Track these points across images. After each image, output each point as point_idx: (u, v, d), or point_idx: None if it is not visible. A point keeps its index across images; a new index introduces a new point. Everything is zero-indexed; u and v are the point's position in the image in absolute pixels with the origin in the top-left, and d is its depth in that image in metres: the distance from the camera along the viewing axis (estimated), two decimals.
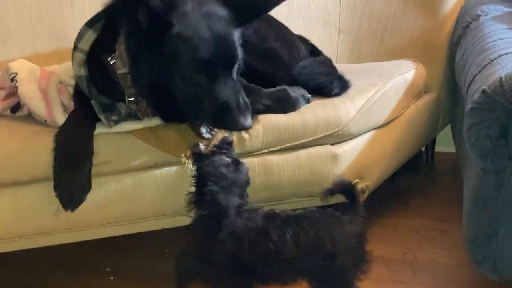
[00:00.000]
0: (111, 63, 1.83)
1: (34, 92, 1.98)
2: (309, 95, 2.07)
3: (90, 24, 1.94)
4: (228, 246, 1.68)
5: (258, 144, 1.94)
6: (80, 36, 1.94)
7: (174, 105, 1.78)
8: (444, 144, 2.97)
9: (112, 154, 1.84)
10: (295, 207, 2.05)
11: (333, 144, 2.05)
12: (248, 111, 1.76)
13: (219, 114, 1.75)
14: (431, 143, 2.94)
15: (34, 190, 1.86)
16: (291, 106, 2.00)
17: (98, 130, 1.84)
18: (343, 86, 2.18)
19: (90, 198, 1.82)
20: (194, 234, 1.77)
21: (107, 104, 1.87)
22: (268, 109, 1.96)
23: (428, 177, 2.97)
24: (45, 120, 1.94)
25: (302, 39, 2.41)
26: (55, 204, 1.80)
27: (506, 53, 1.85)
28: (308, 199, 2.06)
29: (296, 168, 1.99)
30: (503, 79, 1.65)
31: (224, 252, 1.70)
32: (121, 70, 1.82)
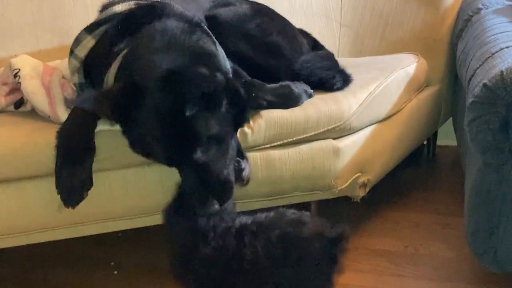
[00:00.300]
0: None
1: (37, 88, 1.98)
2: (311, 90, 2.07)
3: (89, 29, 1.92)
4: (200, 272, 1.65)
5: (260, 139, 1.94)
6: (77, 42, 1.92)
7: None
8: (446, 137, 2.98)
9: (113, 150, 1.84)
10: (297, 201, 2.08)
11: (335, 138, 2.05)
12: (209, 197, 1.65)
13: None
14: (433, 136, 2.95)
15: (37, 185, 1.86)
16: (294, 101, 2.00)
17: (100, 127, 1.83)
18: (345, 80, 2.18)
19: (92, 193, 1.82)
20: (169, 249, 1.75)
21: None
22: (271, 104, 1.96)
23: (429, 170, 2.97)
24: (48, 116, 1.94)
25: (304, 33, 2.41)
26: (58, 200, 1.79)
27: (507, 46, 1.86)
28: (310, 193, 2.07)
29: (298, 162, 2.00)
30: (504, 73, 1.65)
31: (198, 276, 1.66)
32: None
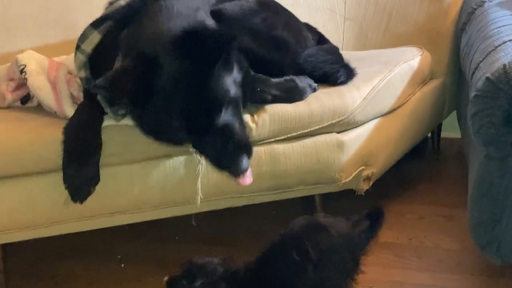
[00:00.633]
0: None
1: (43, 84, 1.99)
2: (315, 84, 2.07)
3: (95, 24, 1.92)
4: None
5: (264, 133, 1.95)
6: (83, 37, 1.92)
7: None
8: (450, 129, 2.98)
9: (120, 146, 1.86)
10: (302, 194, 2.10)
11: (339, 132, 2.06)
12: (241, 155, 1.71)
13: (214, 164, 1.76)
14: (437, 129, 2.94)
15: (45, 181, 1.88)
16: (299, 96, 2.01)
17: (106, 122, 1.85)
18: (349, 74, 2.18)
19: (99, 188, 1.84)
20: None
21: (113, 99, 1.85)
22: (276, 99, 1.96)
23: (433, 163, 2.97)
24: (55, 112, 1.96)
25: (309, 27, 2.41)
26: (65, 195, 1.82)
27: (510, 39, 1.85)
28: (315, 187, 2.09)
29: (302, 156, 2.01)
30: (507, 66, 1.65)
31: None
32: None
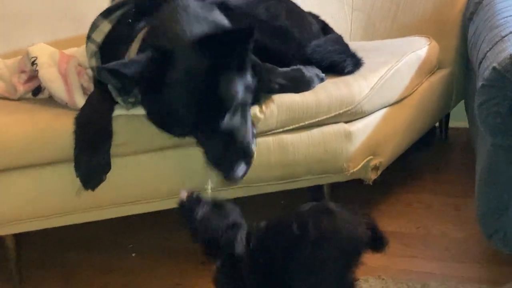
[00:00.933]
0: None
1: (54, 76, 2.01)
2: (322, 74, 2.08)
3: (105, 14, 1.93)
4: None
5: (272, 124, 1.95)
6: (94, 27, 1.93)
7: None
8: (458, 119, 2.98)
9: (130, 135, 1.87)
10: (310, 184, 2.10)
11: (346, 122, 2.07)
12: (240, 161, 1.72)
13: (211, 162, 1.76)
14: (445, 118, 2.96)
15: (57, 171, 1.90)
16: (306, 85, 2.01)
17: (117, 112, 1.87)
18: (356, 64, 2.19)
19: (110, 178, 1.86)
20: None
21: (123, 88, 1.87)
22: (283, 88, 1.97)
23: (441, 152, 2.98)
24: (66, 103, 1.98)
25: (312, 15, 2.40)
26: (77, 185, 1.84)
27: None
28: (323, 176, 2.10)
29: (310, 146, 2.01)
30: None
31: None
32: None
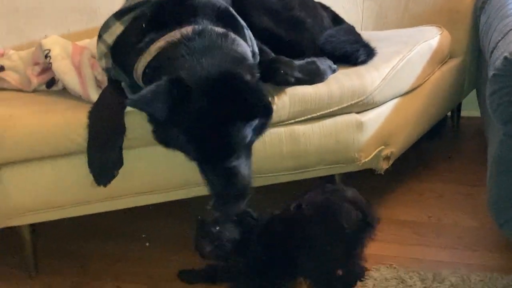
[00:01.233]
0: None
1: (68, 68, 2.03)
2: (335, 66, 2.09)
3: (118, 15, 1.93)
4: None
5: (284, 115, 1.96)
6: (106, 27, 1.93)
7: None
8: (470, 108, 2.98)
9: (143, 129, 1.86)
10: (322, 174, 2.12)
11: (358, 113, 2.08)
12: (238, 200, 1.75)
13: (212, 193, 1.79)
14: (457, 108, 2.95)
15: (72, 162, 1.91)
16: (320, 78, 2.02)
17: (129, 107, 1.85)
18: (369, 54, 2.20)
19: (123, 169, 1.87)
20: None
21: (136, 85, 1.86)
22: (299, 81, 1.97)
23: (453, 141, 2.98)
24: (79, 95, 1.99)
25: (323, 6, 2.41)
26: (91, 176, 1.86)
27: None
28: (335, 166, 2.11)
29: (322, 137, 2.02)
30: None
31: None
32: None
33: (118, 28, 1.92)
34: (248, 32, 1.91)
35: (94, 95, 1.95)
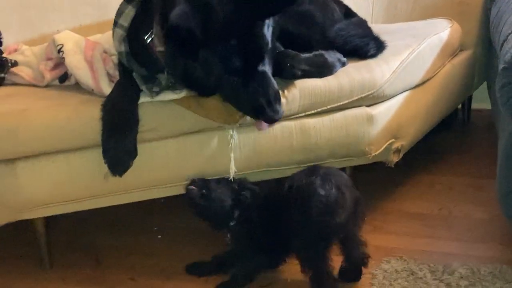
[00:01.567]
0: (148, 42, 1.85)
1: (80, 63, 2.04)
2: (344, 59, 2.09)
3: (128, 0, 1.95)
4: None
5: (295, 108, 1.97)
6: (119, 12, 1.96)
7: (206, 90, 1.85)
8: (481, 101, 2.97)
9: (156, 122, 1.90)
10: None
11: (368, 106, 2.08)
12: (277, 103, 1.79)
13: (249, 110, 1.82)
14: (468, 100, 2.95)
15: (85, 156, 1.93)
16: (328, 70, 2.02)
17: (142, 99, 1.89)
18: (379, 47, 2.20)
19: (136, 163, 1.89)
20: None
21: (148, 76, 1.90)
22: (306, 74, 1.98)
23: (464, 134, 2.98)
24: (92, 90, 2.01)
25: (335, 0, 2.40)
26: (105, 169, 1.88)
27: None
28: (345, 159, 2.11)
29: (332, 130, 2.03)
30: None
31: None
32: (158, 48, 1.83)
33: (131, 11, 1.95)
34: None
35: (107, 89, 1.97)
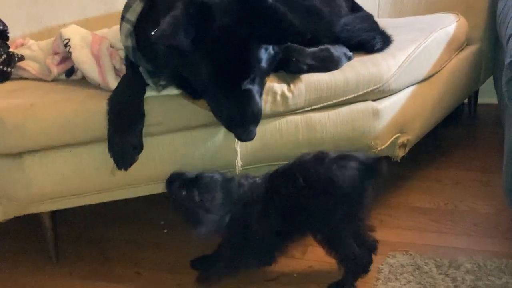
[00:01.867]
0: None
1: (87, 57, 2.04)
2: (350, 53, 2.08)
3: None
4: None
5: (300, 103, 1.97)
6: (127, 7, 1.97)
7: (194, 92, 1.85)
8: (487, 95, 2.97)
9: (162, 116, 1.90)
10: None
11: (374, 100, 2.07)
12: (252, 125, 1.77)
13: (224, 122, 1.80)
14: (474, 95, 2.94)
15: (92, 150, 1.94)
16: (334, 65, 2.02)
17: (148, 93, 1.90)
18: (385, 41, 2.19)
19: (143, 156, 1.90)
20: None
21: (154, 71, 1.90)
22: (311, 68, 1.98)
23: (470, 128, 2.97)
24: (98, 84, 2.01)
25: None
26: (112, 163, 1.89)
27: None
28: None
29: (338, 124, 2.03)
30: None
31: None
32: None
33: (138, 6, 1.95)
34: None
35: (113, 83, 1.97)
